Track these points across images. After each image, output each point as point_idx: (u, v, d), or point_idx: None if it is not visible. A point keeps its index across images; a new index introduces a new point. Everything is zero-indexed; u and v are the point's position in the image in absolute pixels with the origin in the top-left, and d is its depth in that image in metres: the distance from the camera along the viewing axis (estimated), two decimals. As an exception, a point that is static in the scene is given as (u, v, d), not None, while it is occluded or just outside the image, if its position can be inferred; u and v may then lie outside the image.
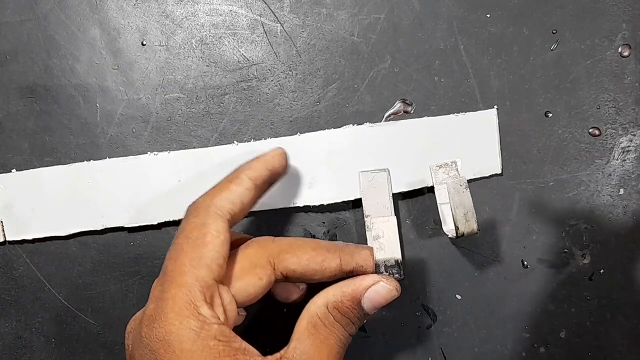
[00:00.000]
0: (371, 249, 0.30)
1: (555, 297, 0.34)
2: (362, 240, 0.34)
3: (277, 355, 0.26)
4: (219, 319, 0.25)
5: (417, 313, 0.35)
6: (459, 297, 0.34)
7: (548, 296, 0.34)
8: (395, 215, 0.31)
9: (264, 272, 0.28)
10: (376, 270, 0.30)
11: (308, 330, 0.27)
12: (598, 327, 0.34)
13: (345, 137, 0.34)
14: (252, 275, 0.27)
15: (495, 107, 0.34)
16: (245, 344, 0.25)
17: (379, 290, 0.28)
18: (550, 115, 0.34)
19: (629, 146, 0.34)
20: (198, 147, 0.34)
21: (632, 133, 0.34)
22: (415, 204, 0.35)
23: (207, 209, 0.27)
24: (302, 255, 0.28)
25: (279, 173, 0.30)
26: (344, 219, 0.35)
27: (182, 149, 0.34)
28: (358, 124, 0.34)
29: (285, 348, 0.26)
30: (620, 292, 0.34)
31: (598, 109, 0.34)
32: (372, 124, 0.34)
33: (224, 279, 0.27)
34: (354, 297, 0.28)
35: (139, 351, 0.24)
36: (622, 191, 0.34)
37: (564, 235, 0.34)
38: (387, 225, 0.30)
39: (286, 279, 0.29)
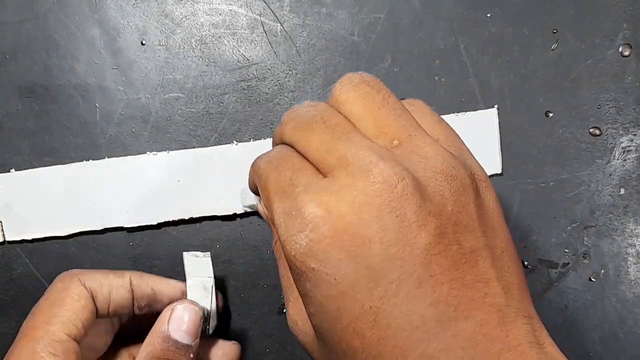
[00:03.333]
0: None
1: (556, 297, 0.34)
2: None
3: None
4: None
5: (417, 313, 0.35)
6: (459, 297, 0.34)
7: (548, 296, 0.34)
8: None
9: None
10: None
11: None
12: (598, 327, 0.34)
13: (345, 136, 0.34)
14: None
15: (496, 106, 0.34)
16: None
17: (180, 315, 0.27)
18: (551, 114, 0.34)
19: (629, 146, 0.34)
20: (197, 147, 0.34)
21: (633, 133, 0.34)
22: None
23: (73, 277, 0.27)
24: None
25: (161, 301, 0.29)
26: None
27: (182, 148, 0.34)
28: (358, 124, 0.34)
29: None
30: (621, 292, 0.34)
31: (599, 108, 0.34)
32: (372, 124, 0.34)
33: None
34: (162, 336, 0.26)
35: None
36: (622, 191, 0.34)
37: (565, 235, 0.34)
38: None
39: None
